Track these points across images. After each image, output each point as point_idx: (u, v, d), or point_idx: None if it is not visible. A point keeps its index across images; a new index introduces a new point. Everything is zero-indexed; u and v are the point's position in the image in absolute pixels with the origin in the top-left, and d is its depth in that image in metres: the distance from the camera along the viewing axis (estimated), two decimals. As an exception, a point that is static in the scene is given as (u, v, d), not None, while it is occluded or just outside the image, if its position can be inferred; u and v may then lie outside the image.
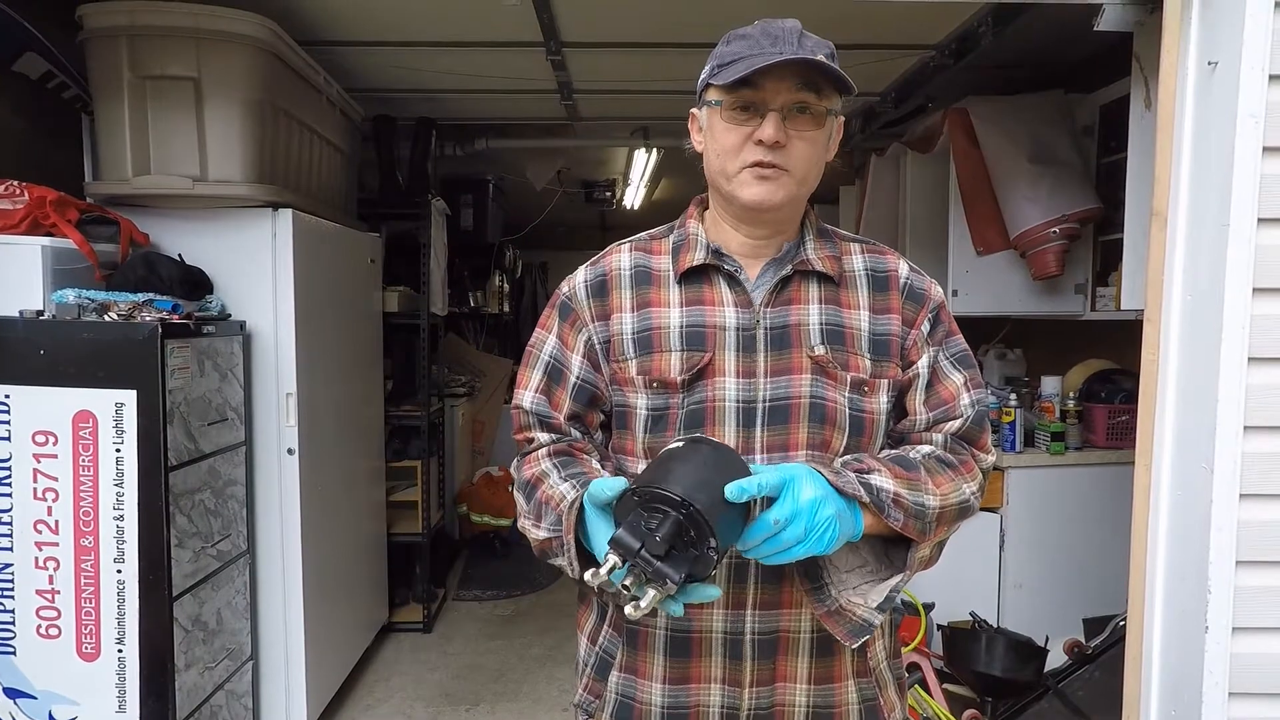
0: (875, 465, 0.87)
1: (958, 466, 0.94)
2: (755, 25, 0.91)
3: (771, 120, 0.88)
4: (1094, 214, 2.62)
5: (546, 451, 0.98)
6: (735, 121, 0.90)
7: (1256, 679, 1.36)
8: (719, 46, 0.92)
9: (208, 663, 2.00)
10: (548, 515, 0.91)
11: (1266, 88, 1.30)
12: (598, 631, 1.02)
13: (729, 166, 0.91)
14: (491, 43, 2.58)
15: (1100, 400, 2.71)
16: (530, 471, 0.98)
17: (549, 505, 0.91)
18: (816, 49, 0.89)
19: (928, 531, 0.87)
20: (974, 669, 2.34)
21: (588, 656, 1.03)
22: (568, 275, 1.04)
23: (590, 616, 1.05)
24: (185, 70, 2.01)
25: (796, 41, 0.88)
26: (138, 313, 1.84)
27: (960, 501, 0.91)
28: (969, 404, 0.96)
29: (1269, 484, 1.35)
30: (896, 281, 0.98)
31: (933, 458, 0.93)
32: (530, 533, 0.95)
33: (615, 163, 4.50)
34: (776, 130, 0.87)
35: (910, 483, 0.87)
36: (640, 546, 0.72)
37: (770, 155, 0.89)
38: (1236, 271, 1.32)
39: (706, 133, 0.95)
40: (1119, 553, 1.72)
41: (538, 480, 0.96)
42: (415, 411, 3.42)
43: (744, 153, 0.90)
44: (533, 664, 3.10)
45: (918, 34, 2.50)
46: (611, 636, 1.00)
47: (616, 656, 0.98)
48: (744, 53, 0.88)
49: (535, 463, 0.98)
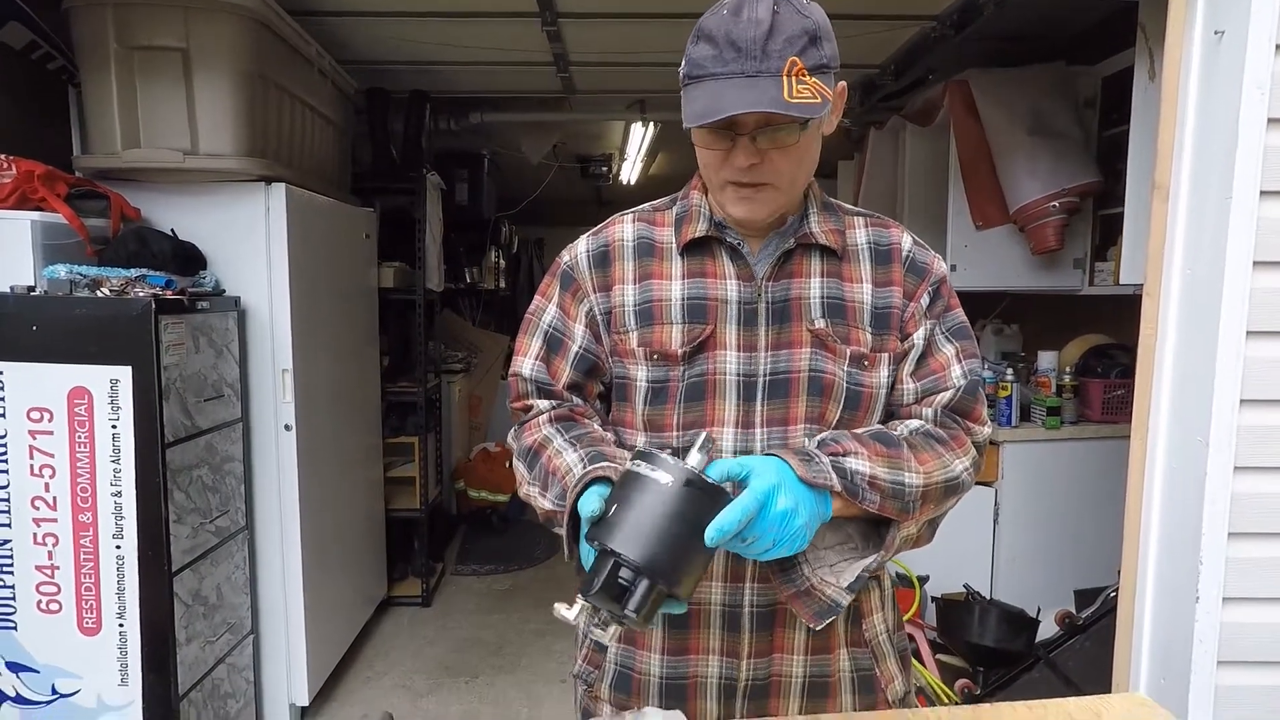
0: (854, 446, 0.85)
1: (947, 442, 0.92)
2: (722, 19, 0.83)
3: (742, 148, 0.85)
4: (1094, 187, 2.60)
5: (547, 417, 0.97)
6: (708, 145, 0.87)
7: (1245, 647, 1.39)
8: (690, 40, 0.87)
9: (208, 637, 2.02)
10: (553, 486, 0.90)
11: (1274, 58, 1.28)
12: None
13: (712, 180, 0.91)
14: (486, 13, 2.53)
15: (1096, 375, 2.72)
16: (532, 438, 0.96)
17: (555, 476, 0.90)
18: (786, 49, 0.81)
19: (910, 510, 0.86)
20: (967, 640, 2.38)
21: (587, 628, 1.03)
22: (568, 244, 1.02)
23: None
24: (174, 40, 1.98)
25: (762, 50, 0.80)
26: (130, 288, 1.82)
27: (948, 479, 0.89)
28: (960, 374, 0.94)
29: (1264, 457, 1.35)
30: (899, 254, 0.97)
31: (919, 433, 0.92)
32: (536, 500, 0.93)
33: (612, 137, 4.45)
34: (748, 156, 0.85)
35: (890, 460, 0.85)
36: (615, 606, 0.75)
37: (748, 176, 0.87)
38: (1238, 245, 1.31)
39: None
40: (1110, 526, 1.74)
41: (540, 446, 0.95)
42: (412, 387, 3.42)
43: (722, 171, 0.88)
44: (530, 637, 3.13)
45: (919, 4, 2.46)
46: None
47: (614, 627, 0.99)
48: (708, 66, 0.82)
49: (536, 429, 0.97)
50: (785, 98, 0.80)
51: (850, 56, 3.15)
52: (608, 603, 0.75)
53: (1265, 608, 1.38)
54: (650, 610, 0.75)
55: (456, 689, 2.75)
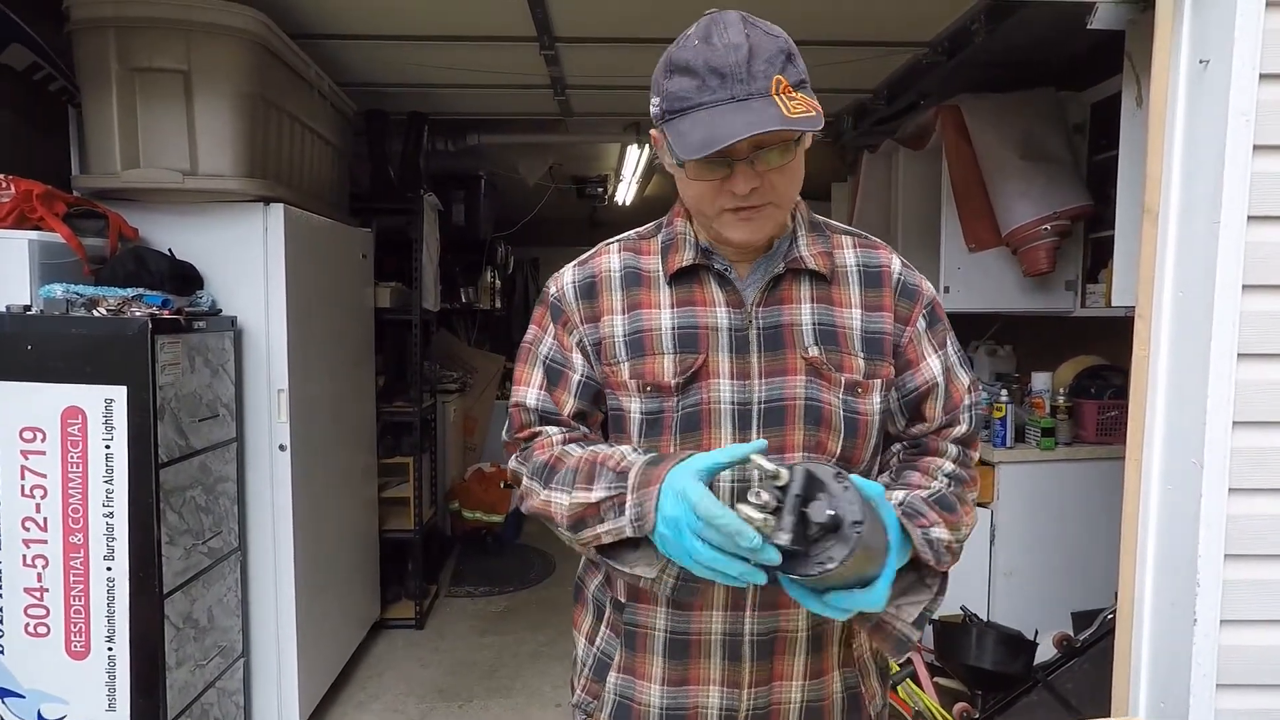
0: (934, 518, 0.88)
1: (970, 482, 0.98)
2: (695, 49, 0.82)
3: (741, 173, 0.83)
4: (1085, 211, 2.64)
5: (562, 438, 0.95)
6: (703, 176, 0.85)
7: (1244, 670, 1.38)
8: (660, 76, 0.85)
9: (199, 660, 1.99)
10: (602, 475, 0.85)
11: (1258, 87, 1.31)
12: (595, 632, 1.01)
13: (706, 210, 0.88)
14: (484, 37, 2.57)
15: (1090, 396, 2.74)
16: (547, 454, 0.93)
17: (603, 465, 0.86)
18: (769, 69, 0.81)
19: (958, 557, 0.92)
20: (965, 662, 2.36)
21: (585, 656, 1.02)
22: (554, 274, 1.01)
23: (587, 617, 1.03)
24: (175, 63, 1.99)
25: (747, 73, 0.80)
26: (127, 308, 1.82)
27: (976, 518, 0.97)
28: (968, 405, 0.99)
29: (1257, 479, 1.36)
30: (889, 278, 0.97)
31: (957, 482, 0.96)
32: (558, 503, 0.88)
33: (608, 158, 4.49)
34: (749, 181, 0.84)
35: (953, 524, 0.90)
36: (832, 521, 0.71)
37: (747, 200, 0.85)
38: (1227, 268, 1.33)
39: (674, 169, 0.90)
40: (1106, 547, 1.74)
41: (561, 457, 0.91)
42: (407, 407, 3.41)
43: (719, 199, 0.86)
44: (525, 660, 3.10)
45: (911, 31, 2.51)
46: (609, 638, 0.99)
47: (615, 657, 0.98)
48: (692, 97, 0.81)
49: (549, 447, 0.94)
50: (787, 115, 0.80)
51: (844, 81, 3.21)
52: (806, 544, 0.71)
53: (1263, 630, 1.38)
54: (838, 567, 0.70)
55: (450, 713, 2.71)
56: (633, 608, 0.96)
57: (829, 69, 2.66)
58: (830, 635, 0.96)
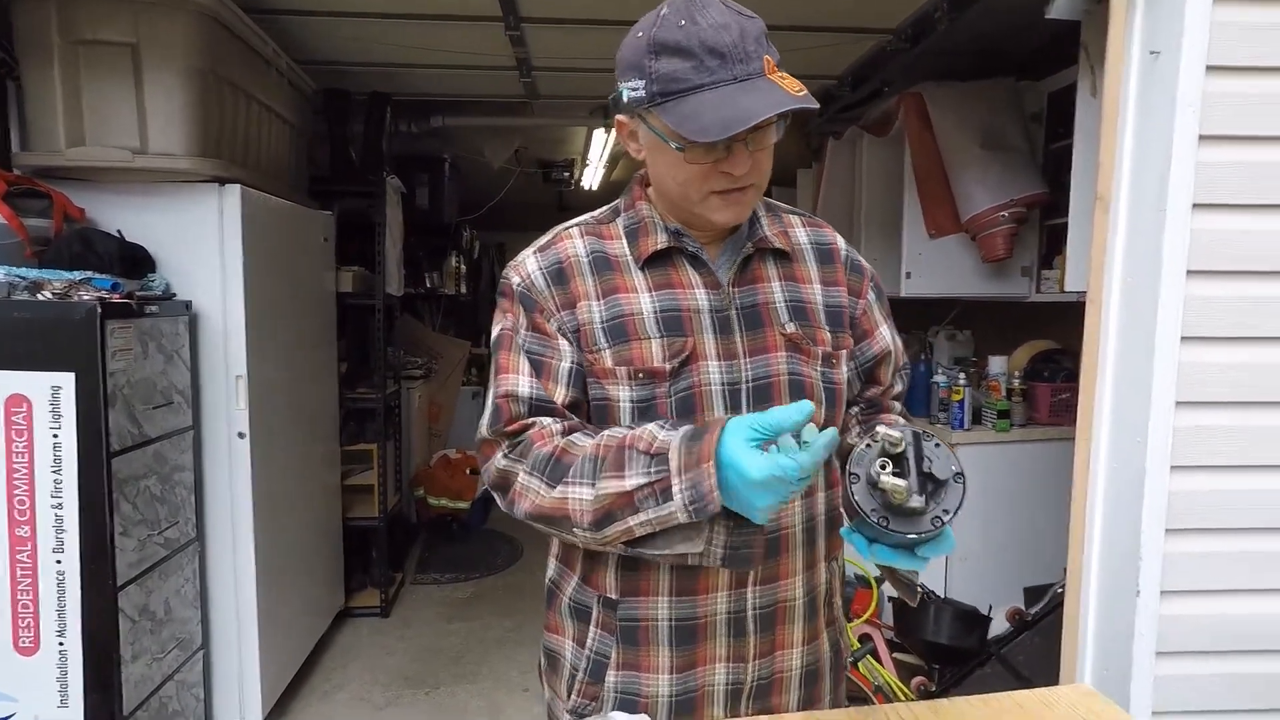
0: None
1: None
2: (684, 29, 0.80)
3: (738, 154, 0.83)
4: (1040, 199, 2.70)
5: (560, 429, 0.88)
6: (700, 159, 0.84)
7: (1181, 638, 1.45)
8: (642, 58, 0.83)
9: (156, 653, 1.95)
10: (635, 461, 0.79)
11: (1204, 78, 1.35)
12: (584, 635, 0.96)
13: (692, 194, 0.88)
14: (449, 16, 2.52)
15: (1043, 379, 2.82)
16: (549, 446, 0.86)
17: (632, 449, 0.80)
18: (759, 49, 0.81)
19: None
20: (922, 638, 2.43)
21: (577, 660, 0.97)
22: (512, 262, 0.96)
23: (569, 622, 0.98)
24: (121, 35, 1.92)
25: (744, 53, 0.80)
26: (74, 291, 1.76)
27: None
28: (904, 367, 1.07)
29: (1196, 456, 1.42)
30: (838, 254, 1.02)
31: None
32: (579, 498, 0.81)
33: (574, 142, 4.45)
34: (745, 162, 0.84)
35: None
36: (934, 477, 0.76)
37: (740, 182, 0.86)
38: (1172, 255, 1.38)
39: (654, 153, 0.89)
40: (1057, 524, 1.80)
41: (568, 448, 0.85)
42: (371, 394, 3.36)
43: (710, 181, 0.86)
44: (492, 645, 3.10)
45: (875, 18, 2.53)
46: (602, 637, 0.95)
47: (611, 656, 0.94)
48: (691, 77, 0.80)
49: (549, 438, 0.87)
50: (793, 94, 0.80)
51: (809, 67, 3.22)
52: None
53: (1199, 600, 1.45)
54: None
55: (416, 701, 2.70)
56: (629, 602, 0.93)
57: (795, 54, 2.65)
58: (820, 599, 0.99)
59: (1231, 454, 1.42)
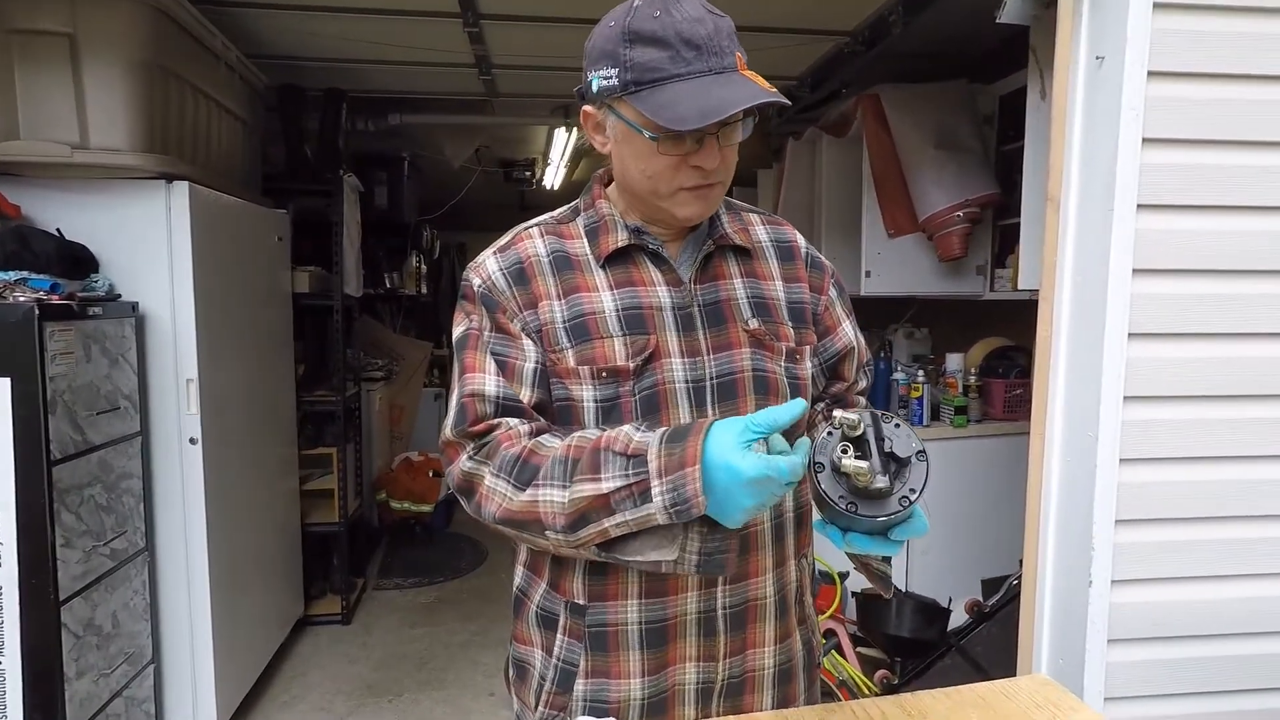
0: None
1: None
2: (658, 20, 0.81)
3: (709, 147, 0.84)
4: (994, 199, 2.77)
5: (528, 430, 0.87)
6: (670, 151, 0.84)
7: (1130, 626, 1.50)
8: (616, 46, 0.82)
9: (103, 669, 1.88)
10: (610, 462, 0.78)
11: (1145, 83, 1.39)
12: (551, 642, 0.95)
13: (660, 188, 0.87)
14: (406, 11, 2.47)
15: (998, 375, 2.89)
16: (517, 447, 0.84)
17: (607, 451, 0.79)
18: (731, 45, 0.82)
19: None
20: (885, 632, 2.47)
21: (545, 669, 0.95)
22: (472, 263, 0.95)
23: (535, 630, 0.97)
24: (58, 25, 1.84)
25: (720, 46, 0.81)
26: (9, 292, 1.68)
27: None
28: (867, 363, 1.10)
29: (1144, 449, 1.47)
30: (799, 252, 1.02)
31: None
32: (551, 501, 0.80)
33: (536, 141, 4.42)
34: (715, 156, 0.84)
35: None
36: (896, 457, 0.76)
37: (709, 177, 0.86)
38: (1119, 254, 1.42)
39: (622, 145, 0.88)
40: (1013, 517, 1.85)
41: (534, 451, 0.83)
42: (330, 396, 3.29)
43: (679, 176, 0.86)
44: (456, 650, 3.06)
45: (833, 20, 2.56)
46: (569, 645, 0.93)
47: (580, 664, 0.92)
48: (667, 67, 0.80)
49: (516, 439, 0.85)
50: (767, 89, 0.80)
51: (770, 68, 3.24)
52: None
53: (1147, 588, 1.50)
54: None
55: (380, 708, 2.65)
56: (597, 607, 0.92)
57: (756, 55, 2.64)
58: (791, 596, 0.99)
59: (1176, 446, 1.48)
